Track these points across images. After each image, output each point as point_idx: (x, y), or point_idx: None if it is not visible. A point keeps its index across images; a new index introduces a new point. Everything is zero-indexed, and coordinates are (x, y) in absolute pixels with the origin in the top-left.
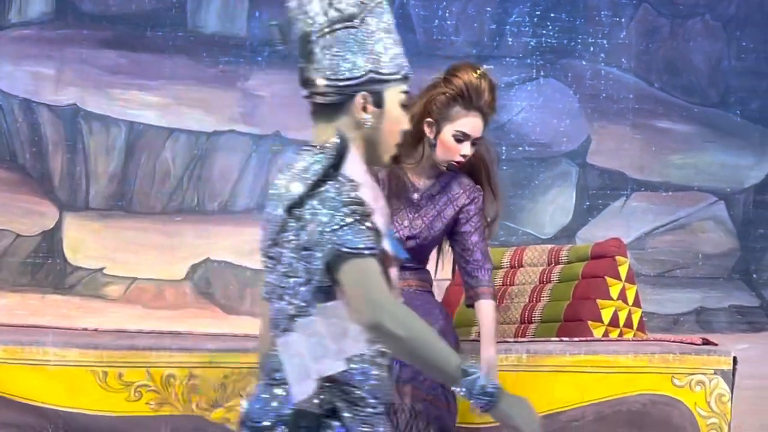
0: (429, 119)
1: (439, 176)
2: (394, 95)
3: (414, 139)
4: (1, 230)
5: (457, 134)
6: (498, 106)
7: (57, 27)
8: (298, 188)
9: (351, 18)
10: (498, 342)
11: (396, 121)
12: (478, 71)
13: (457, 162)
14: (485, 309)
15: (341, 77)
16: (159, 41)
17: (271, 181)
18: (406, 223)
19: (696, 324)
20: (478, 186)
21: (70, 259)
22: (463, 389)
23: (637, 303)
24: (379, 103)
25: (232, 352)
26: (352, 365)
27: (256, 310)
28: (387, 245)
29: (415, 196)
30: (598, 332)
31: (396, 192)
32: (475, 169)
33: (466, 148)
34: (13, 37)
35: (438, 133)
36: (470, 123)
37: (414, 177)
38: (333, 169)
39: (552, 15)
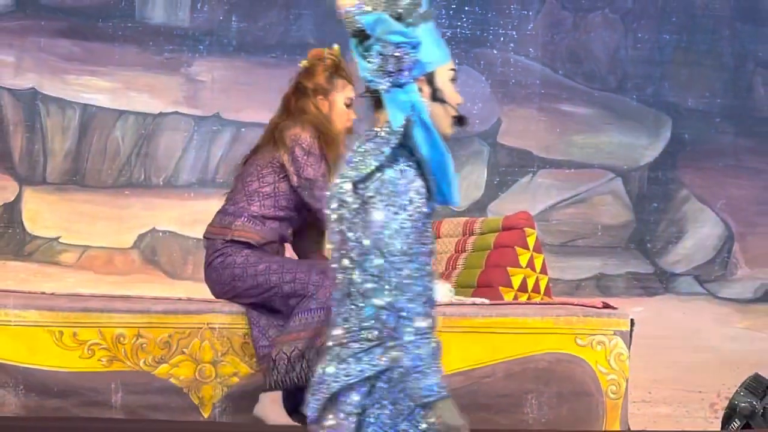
0: (320, 97)
1: None
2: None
3: None
4: None
5: (347, 100)
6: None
7: (17, 18)
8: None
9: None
10: None
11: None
12: (333, 50)
13: (350, 128)
14: None
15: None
16: (109, 31)
17: (211, 159)
18: None
19: (596, 289)
20: None
21: (29, 228)
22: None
23: (543, 270)
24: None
25: (176, 313)
26: None
27: (197, 275)
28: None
29: None
30: (508, 297)
31: None
32: None
33: (353, 114)
34: None
35: (331, 105)
36: (350, 90)
37: None
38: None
39: (466, 8)
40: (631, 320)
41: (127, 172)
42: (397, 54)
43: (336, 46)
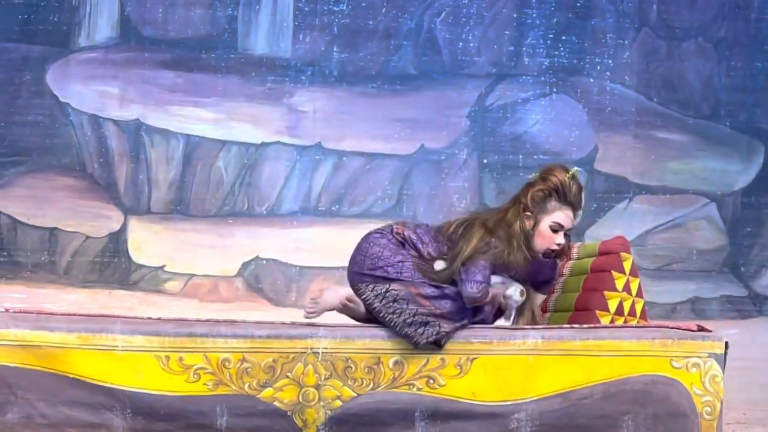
0: (527, 213)
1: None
2: None
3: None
4: (73, 232)
5: (554, 225)
6: (515, 120)
7: (121, 50)
8: None
9: None
10: (516, 329)
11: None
12: (570, 171)
13: (552, 250)
14: None
15: None
16: (212, 62)
17: (313, 187)
18: None
19: (691, 312)
20: None
21: (134, 258)
22: None
23: (639, 294)
24: None
25: (279, 338)
26: None
27: (300, 302)
28: None
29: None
30: (605, 320)
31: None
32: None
33: (561, 238)
34: (81, 60)
35: (536, 225)
36: (565, 216)
37: None
38: None
39: (563, 38)
40: (726, 343)
41: (231, 202)
42: None
43: (575, 169)
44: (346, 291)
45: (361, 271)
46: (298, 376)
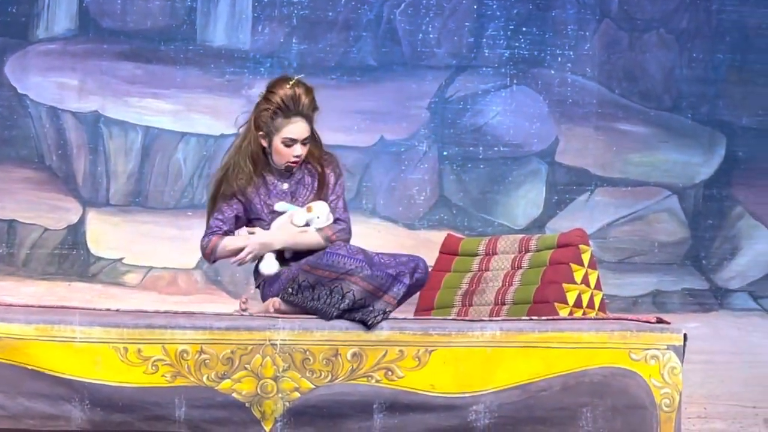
0: (260, 133)
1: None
2: None
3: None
4: (31, 224)
5: (285, 140)
6: (475, 111)
7: (80, 42)
8: None
9: None
10: (474, 321)
11: None
12: (290, 81)
13: (292, 163)
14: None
15: None
16: (171, 54)
17: None
18: None
19: (652, 305)
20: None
21: (93, 250)
22: None
23: (598, 286)
24: None
25: (238, 330)
26: None
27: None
28: None
29: (285, 186)
30: (563, 312)
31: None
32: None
33: (298, 149)
34: (40, 51)
35: (270, 143)
36: (294, 128)
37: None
38: None
39: (524, 29)
40: (684, 335)
41: (190, 194)
42: None
43: (297, 78)
44: (273, 298)
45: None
46: (257, 367)
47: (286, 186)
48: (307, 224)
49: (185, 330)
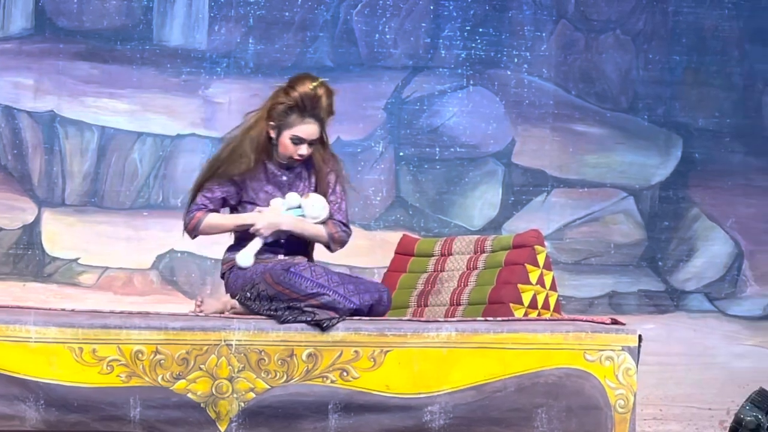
0: (271, 123)
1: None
2: None
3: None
4: None
5: (294, 138)
6: (432, 112)
7: (35, 41)
8: None
9: None
10: (429, 321)
11: None
12: (315, 82)
13: (295, 160)
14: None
15: None
16: (128, 54)
17: None
18: None
19: (608, 307)
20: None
21: (48, 250)
22: None
23: (553, 287)
24: None
25: (193, 330)
26: None
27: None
28: None
29: (284, 177)
30: (518, 313)
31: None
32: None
33: (303, 149)
34: None
35: (278, 136)
36: (306, 129)
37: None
38: None
39: (480, 30)
40: (639, 336)
41: (146, 194)
42: None
43: (321, 80)
44: (228, 299)
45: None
46: (212, 368)
47: (284, 178)
48: (299, 206)
49: (140, 330)
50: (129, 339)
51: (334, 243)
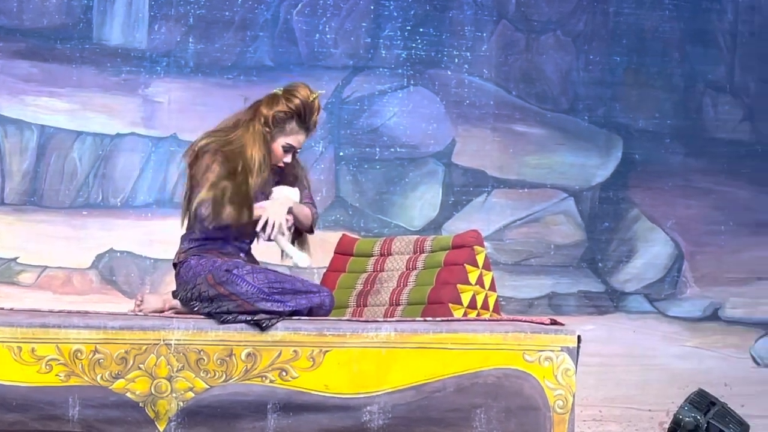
0: (266, 129)
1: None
2: None
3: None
4: None
5: (286, 146)
6: (372, 112)
7: None
8: None
9: None
10: (369, 321)
11: None
12: (314, 94)
13: (279, 166)
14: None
15: None
16: (67, 53)
17: (169, 179)
18: None
19: (548, 307)
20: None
21: None
22: None
23: (492, 287)
24: None
25: (132, 329)
26: None
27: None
28: None
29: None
30: (458, 313)
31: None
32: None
33: (289, 158)
34: None
35: (271, 140)
36: (299, 138)
37: None
38: None
39: (421, 30)
40: (578, 336)
41: (85, 193)
42: None
43: (319, 92)
44: (168, 297)
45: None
46: (151, 367)
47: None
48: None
49: (79, 329)
50: (68, 338)
51: (315, 225)
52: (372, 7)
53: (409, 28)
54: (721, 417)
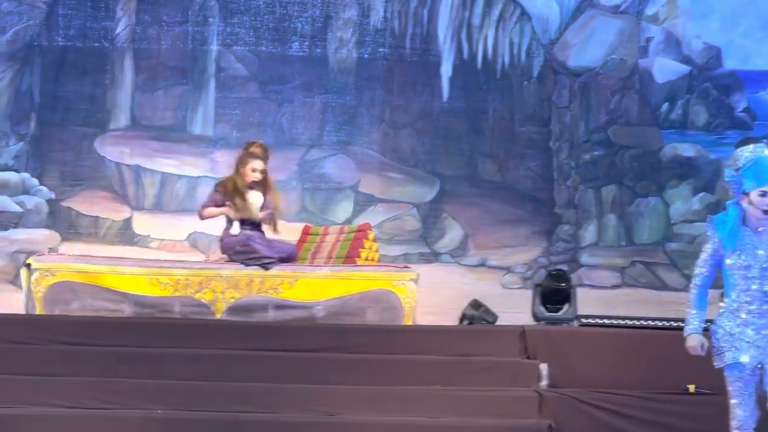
0: (240, 166)
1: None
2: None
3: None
4: None
5: (250, 168)
6: (320, 167)
7: None
8: None
9: None
10: (317, 267)
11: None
12: (254, 143)
13: (254, 182)
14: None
15: None
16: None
17: None
18: None
19: (403, 260)
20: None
21: None
22: None
23: (377, 250)
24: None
25: (205, 269)
26: None
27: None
28: None
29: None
30: (360, 262)
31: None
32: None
33: (256, 175)
34: None
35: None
36: (256, 163)
37: None
38: None
39: None
40: (417, 274)
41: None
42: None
43: (258, 142)
44: (220, 254)
45: None
46: (213, 286)
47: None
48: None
49: (179, 269)
50: (173, 273)
51: (265, 223)
52: None
53: None
54: (485, 312)
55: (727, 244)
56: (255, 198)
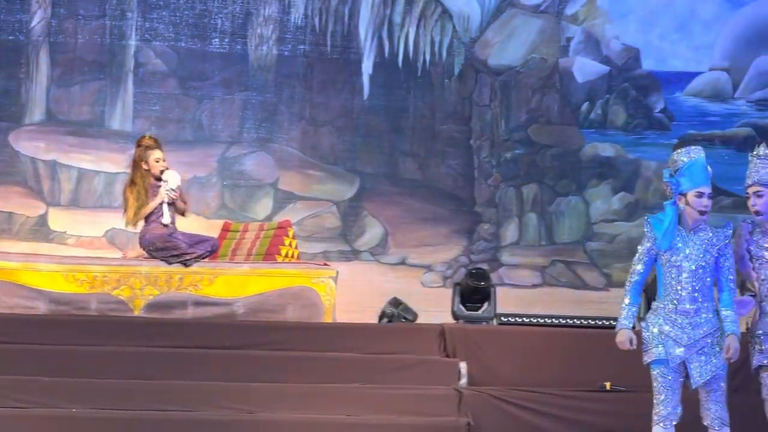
0: (143, 160)
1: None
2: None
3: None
4: None
5: (154, 161)
6: (241, 164)
7: None
8: None
9: None
10: (237, 263)
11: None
12: (147, 136)
13: (161, 171)
14: None
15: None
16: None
17: None
18: None
19: (323, 257)
20: None
21: None
22: None
23: (297, 247)
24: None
25: (123, 265)
26: None
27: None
28: None
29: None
30: (279, 259)
31: None
32: None
33: (162, 164)
34: None
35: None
36: (157, 154)
37: None
38: None
39: None
40: (337, 271)
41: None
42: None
43: (150, 134)
44: (139, 251)
45: None
46: (132, 283)
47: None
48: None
49: (97, 265)
50: (91, 269)
51: (187, 212)
52: None
53: None
54: (404, 310)
55: (661, 243)
56: (172, 176)
